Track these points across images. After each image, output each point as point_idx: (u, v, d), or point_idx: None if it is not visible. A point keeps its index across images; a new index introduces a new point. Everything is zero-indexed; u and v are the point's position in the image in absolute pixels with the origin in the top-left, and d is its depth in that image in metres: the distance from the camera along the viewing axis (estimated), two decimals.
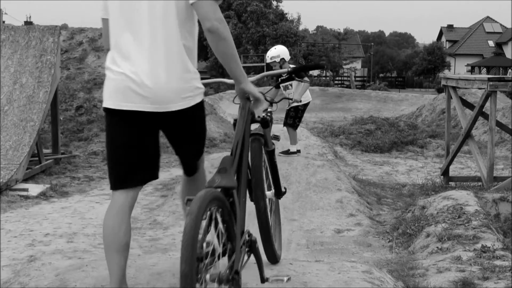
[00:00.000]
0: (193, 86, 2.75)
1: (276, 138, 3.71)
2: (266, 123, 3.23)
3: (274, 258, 3.37)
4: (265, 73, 3.45)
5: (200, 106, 2.81)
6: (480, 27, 69.30)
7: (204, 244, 2.30)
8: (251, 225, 3.12)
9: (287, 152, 8.38)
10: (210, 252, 2.38)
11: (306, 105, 8.28)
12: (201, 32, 2.79)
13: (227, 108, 22.16)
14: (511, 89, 9.22)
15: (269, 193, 3.38)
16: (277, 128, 8.93)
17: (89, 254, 5.69)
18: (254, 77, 3.27)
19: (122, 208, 2.90)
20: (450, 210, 6.47)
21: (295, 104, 8.14)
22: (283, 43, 44.26)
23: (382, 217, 7.63)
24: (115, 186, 2.88)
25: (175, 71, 2.69)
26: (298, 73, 7.45)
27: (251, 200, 3.13)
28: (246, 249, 2.75)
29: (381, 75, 71.10)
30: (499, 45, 62.95)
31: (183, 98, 2.70)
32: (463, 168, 12.27)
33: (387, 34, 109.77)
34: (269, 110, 3.35)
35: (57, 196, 8.73)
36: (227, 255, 2.51)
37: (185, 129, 2.80)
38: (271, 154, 3.39)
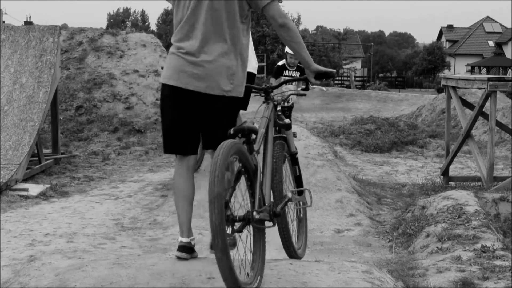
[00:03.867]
0: None
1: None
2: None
3: (293, 252, 3.67)
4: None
5: None
6: (480, 27, 69.34)
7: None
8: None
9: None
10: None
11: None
12: None
13: None
14: (511, 89, 9.22)
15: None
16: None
17: (89, 254, 5.68)
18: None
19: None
20: (450, 210, 6.47)
21: (290, 103, 8.37)
22: (283, 43, 44.22)
23: (382, 217, 7.63)
24: None
25: None
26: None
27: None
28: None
29: (381, 75, 71.13)
30: (499, 45, 62.98)
31: None
32: (463, 168, 12.27)
33: (387, 34, 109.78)
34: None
35: (57, 196, 8.73)
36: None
37: None
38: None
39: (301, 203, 3.75)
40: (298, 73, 8.42)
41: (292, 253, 3.67)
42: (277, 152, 3.47)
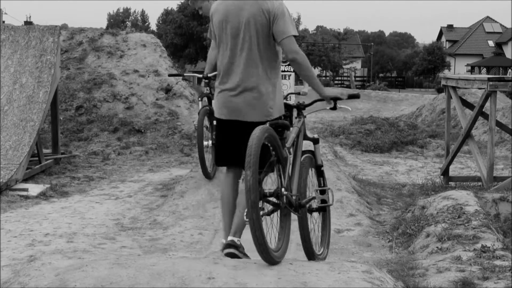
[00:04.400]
0: None
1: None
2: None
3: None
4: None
5: None
6: (480, 27, 69.37)
7: None
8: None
9: None
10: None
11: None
12: (201, 32, 2.88)
13: None
14: (511, 89, 9.22)
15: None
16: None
17: (89, 254, 5.68)
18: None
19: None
20: (450, 210, 6.47)
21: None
22: None
23: (382, 217, 7.63)
24: None
25: None
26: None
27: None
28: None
29: (381, 75, 71.16)
30: (499, 45, 63.00)
31: None
32: (463, 168, 12.27)
33: (387, 34, 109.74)
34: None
35: (57, 196, 8.72)
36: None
37: None
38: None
39: (323, 201, 4.29)
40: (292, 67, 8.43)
41: (309, 250, 4.12)
42: (305, 160, 4.11)
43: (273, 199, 3.67)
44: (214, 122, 7.34)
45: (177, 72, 14.52)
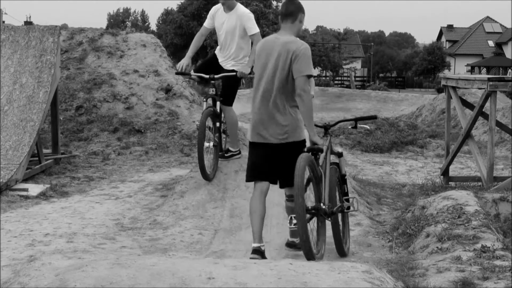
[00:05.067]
0: None
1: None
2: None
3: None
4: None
5: None
6: (480, 27, 69.38)
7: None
8: None
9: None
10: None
11: None
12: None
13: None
14: (511, 89, 9.22)
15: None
16: None
17: (89, 254, 5.67)
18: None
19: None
20: (450, 210, 6.47)
21: None
22: None
23: (382, 217, 7.63)
24: None
25: None
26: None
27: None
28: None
29: (381, 75, 71.19)
30: (499, 45, 63.02)
31: None
32: (463, 168, 12.27)
33: (387, 34, 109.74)
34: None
35: (57, 196, 8.72)
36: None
37: None
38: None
39: (349, 207, 5.39)
40: None
41: (341, 251, 5.30)
42: (331, 171, 5.01)
43: (311, 210, 4.66)
44: (217, 124, 7.43)
45: None
